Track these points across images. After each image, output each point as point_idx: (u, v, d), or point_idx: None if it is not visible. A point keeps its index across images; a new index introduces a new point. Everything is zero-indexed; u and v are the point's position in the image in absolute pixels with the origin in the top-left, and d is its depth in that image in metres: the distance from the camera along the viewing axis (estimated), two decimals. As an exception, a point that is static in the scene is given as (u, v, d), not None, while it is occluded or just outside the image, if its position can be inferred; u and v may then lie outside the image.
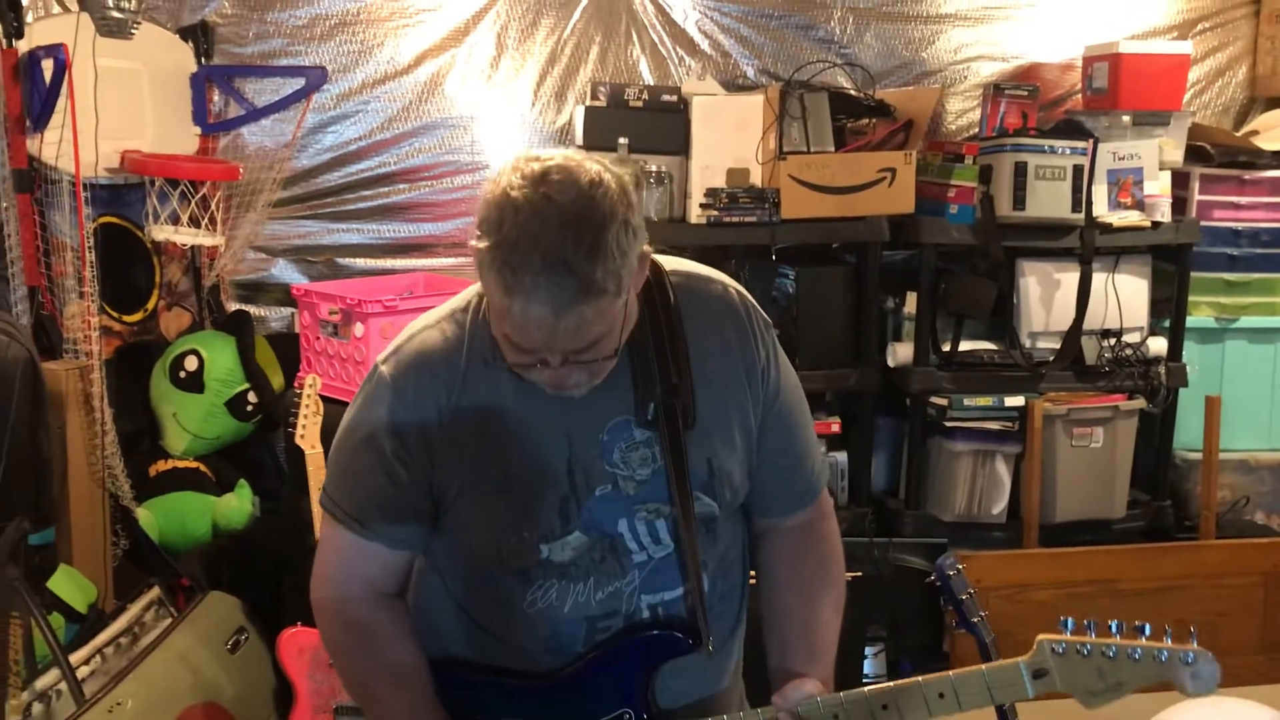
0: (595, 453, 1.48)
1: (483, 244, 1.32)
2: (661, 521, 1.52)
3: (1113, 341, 3.67)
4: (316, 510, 2.76)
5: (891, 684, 1.45)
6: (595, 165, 1.35)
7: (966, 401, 3.60)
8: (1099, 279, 3.60)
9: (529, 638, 1.53)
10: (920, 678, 1.44)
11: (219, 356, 3.34)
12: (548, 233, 1.29)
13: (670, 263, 1.57)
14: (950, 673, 1.44)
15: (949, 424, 3.62)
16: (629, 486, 1.50)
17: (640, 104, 3.53)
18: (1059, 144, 3.47)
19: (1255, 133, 4.02)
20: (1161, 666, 1.38)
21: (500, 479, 1.48)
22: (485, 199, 1.34)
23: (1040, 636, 1.41)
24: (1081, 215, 3.51)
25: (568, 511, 1.48)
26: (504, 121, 3.77)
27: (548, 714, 1.54)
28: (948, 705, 1.43)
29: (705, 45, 3.85)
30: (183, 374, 3.32)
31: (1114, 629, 1.40)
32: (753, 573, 1.68)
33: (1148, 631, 1.41)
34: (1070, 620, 1.42)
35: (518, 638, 1.53)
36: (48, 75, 3.06)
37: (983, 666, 1.44)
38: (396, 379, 1.49)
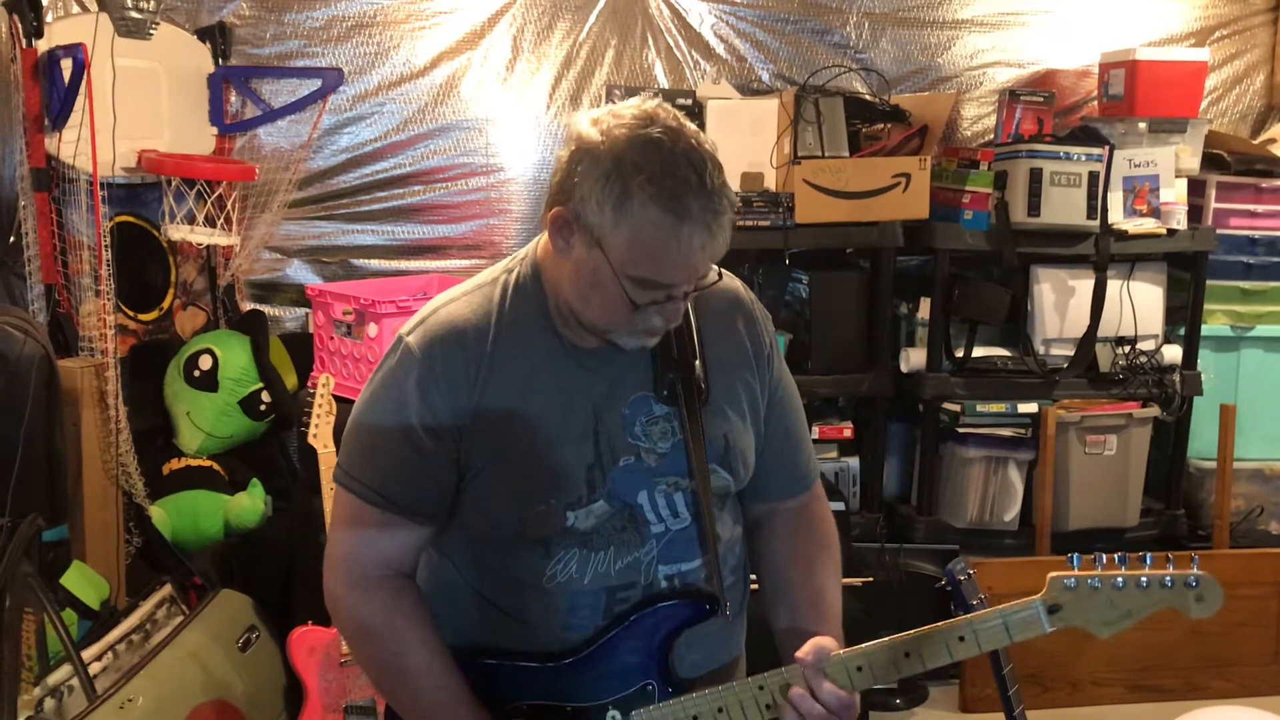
0: (618, 424, 1.52)
1: (632, 184, 1.36)
2: (680, 494, 1.55)
3: (1127, 349, 3.66)
4: (329, 509, 2.77)
5: (912, 632, 1.46)
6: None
7: (979, 408, 3.60)
8: (1114, 286, 3.59)
9: (547, 615, 1.53)
10: (939, 623, 1.46)
11: (233, 356, 3.35)
12: (695, 158, 1.39)
13: None
14: (969, 615, 1.46)
15: (962, 430, 3.61)
16: (651, 459, 1.53)
17: (655, 107, 3.53)
18: (1075, 150, 3.46)
19: (1273, 140, 4.00)
20: (1168, 593, 1.42)
21: (529, 448, 1.49)
22: (596, 154, 1.39)
23: (1052, 574, 1.45)
24: (1097, 222, 3.50)
25: (594, 479, 1.50)
26: (519, 124, 3.78)
27: (571, 692, 1.54)
28: (968, 647, 1.45)
29: (720, 49, 3.85)
30: (197, 373, 3.33)
31: (1118, 560, 1.45)
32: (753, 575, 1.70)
33: (1149, 561, 1.45)
34: (1077, 556, 1.46)
35: (536, 616, 1.54)
36: (66, 75, 3.08)
37: (1000, 607, 1.46)
38: (425, 349, 1.50)
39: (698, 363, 1.55)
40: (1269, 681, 3.51)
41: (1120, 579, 1.43)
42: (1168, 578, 1.42)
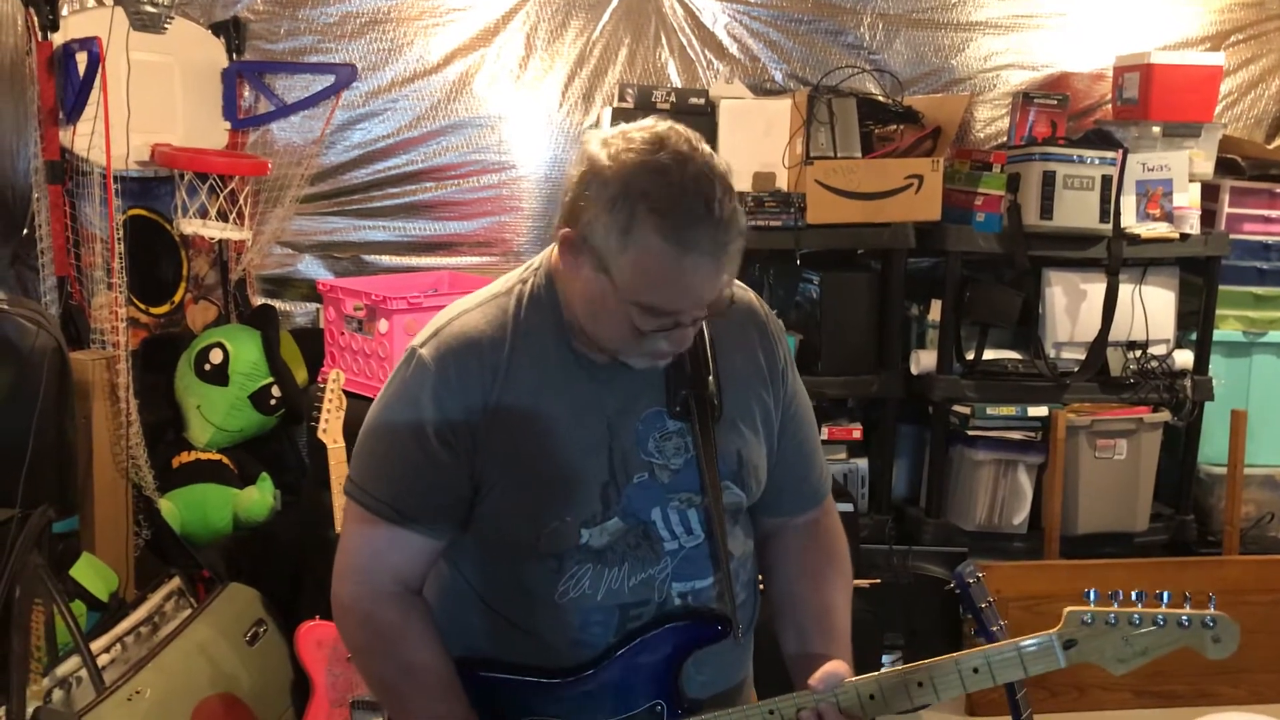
0: (632, 441, 1.50)
1: (639, 211, 1.34)
2: (693, 511, 1.53)
3: (1138, 353, 3.65)
4: (338, 504, 2.77)
5: (925, 661, 1.46)
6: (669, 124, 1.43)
7: (989, 410, 3.59)
8: (1125, 290, 3.58)
9: (558, 630, 1.52)
10: (954, 654, 1.46)
11: (244, 350, 3.36)
12: (703, 186, 1.36)
13: None
14: (984, 647, 1.46)
15: (971, 433, 3.60)
16: (664, 475, 1.52)
17: (667, 106, 3.53)
18: (1088, 154, 3.45)
19: (1287, 146, 3.99)
20: (1185, 632, 1.42)
21: (544, 463, 1.48)
22: (602, 177, 1.37)
23: (1068, 608, 1.44)
24: (1109, 226, 3.49)
25: (609, 497, 1.49)
26: (531, 122, 3.78)
27: (577, 709, 1.53)
28: (982, 679, 1.45)
29: (734, 49, 3.85)
30: (208, 366, 3.34)
31: (1135, 598, 1.44)
32: (759, 578, 1.70)
33: (1167, 599, 1.44)
34: (1094, 591, 1.45)
35: (546, 630, 1.53)
36: (81, 68, 3.09)
37: (1016, 639, 1.45)
38: (439, 361, 1.49)
39: (711, 378, 1.53)
40: (1278, 688, 3.49)
41: (1137, 616, 1.42)
42: (1185, 617, 1.41)
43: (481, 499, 1.51)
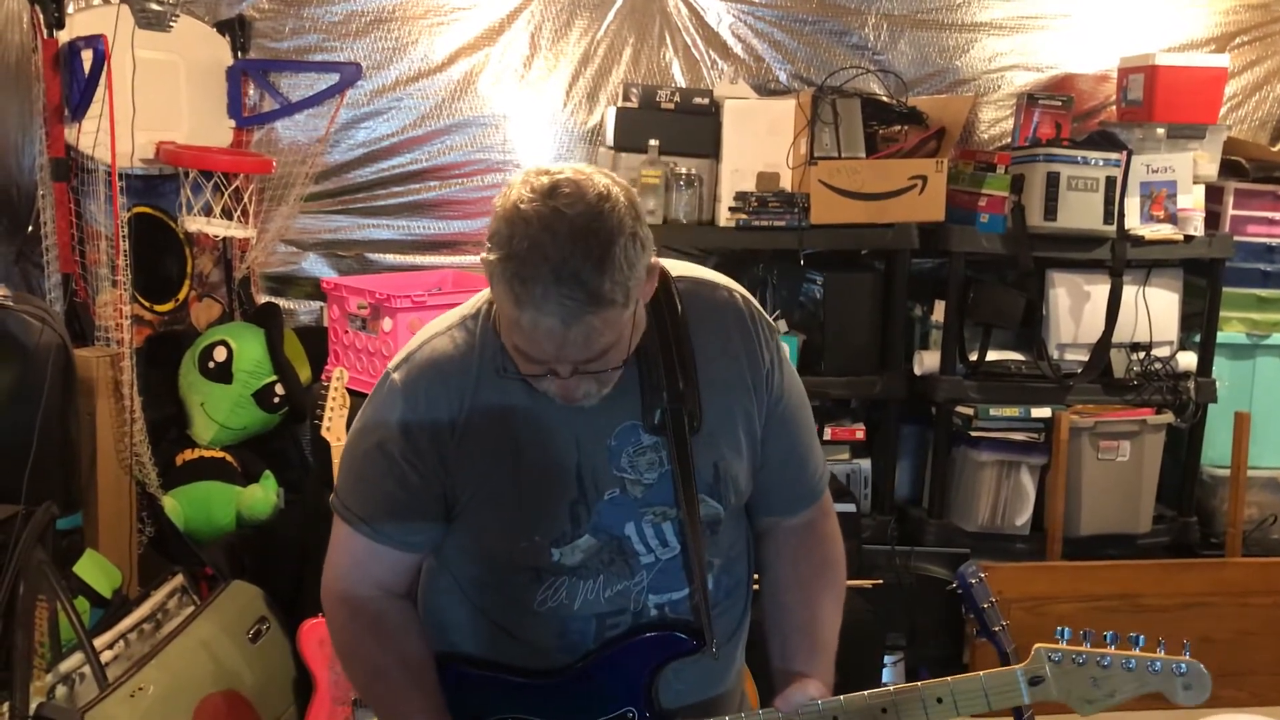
0: (603, 457, 1.50)
1: (493, 256, 1.34)
2: (668, 524, 1.53)
3: (1142, 355, 3.65)
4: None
5: (890, 688, 1.47)
6: (604, 179, 1.37)
7: (993, 411, 3.59)
8: (1129, 292, 3.58)
9: (542, 634, 1.54)
10: (919, 683, 1.47)
11: (248, 348, 3.36)
12: (557, 245, 1.30)
13: (676, 268, 1.58)
14: (949, 678, 1.46)
15: (974, 434, 3.60)
16: (636, 490, 1.51)
17: (672, 106, 3.54)
18: (1092, 155, 3.45)
19: (1292, 148, 3.99)
20: (1155, 677, 1.42)
21: (512, 483, 1.49)
22: (495, 212, 1.37)
23: (1037, 645, 1.45)
24: (1113, 227, 3.49)
25: (578, 515, 1.50)
26: (536, 121, 3.78)
27: (552, 711, 1.55)
28: (945, 710, 1.45)
29: (738, 49, 3.85)
30: (211, 364, 3.34)
31: (1109, 639, 1.44)
32: (755, 575, 1.69)
33: (1142, 643, 1.44)
34: (1067, 630, 1.45)
35: (531, 634, 1.55)
36: (87, 66, 3.09)
37: (980, 673, 1.46)
38: (408, 385, 1.50)
39: (690, 390, 1.50)
40: (1279, 690, 3.49)
41: (1106, 658, 1.42)
42: (1156, 662, 1.42)
43: (455, 517, 1.53)
